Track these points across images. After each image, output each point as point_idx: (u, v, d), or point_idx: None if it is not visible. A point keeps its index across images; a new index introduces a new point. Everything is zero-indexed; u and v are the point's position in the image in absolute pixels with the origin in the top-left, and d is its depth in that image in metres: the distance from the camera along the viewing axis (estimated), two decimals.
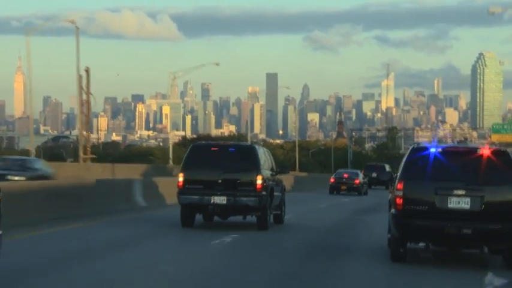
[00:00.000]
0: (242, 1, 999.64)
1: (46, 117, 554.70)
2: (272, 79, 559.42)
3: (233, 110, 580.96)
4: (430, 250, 16.05)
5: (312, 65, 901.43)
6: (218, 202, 20.33)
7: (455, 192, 14.34)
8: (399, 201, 14.57)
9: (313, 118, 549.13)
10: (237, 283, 12.20)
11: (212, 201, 20.34)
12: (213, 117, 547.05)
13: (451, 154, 14.75)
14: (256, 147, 21.44)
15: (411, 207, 14.51)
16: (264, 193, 20.43)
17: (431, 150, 14.75)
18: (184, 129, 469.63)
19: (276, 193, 22.00)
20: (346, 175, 54.74)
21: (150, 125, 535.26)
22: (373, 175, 66.01)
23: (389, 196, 16.13)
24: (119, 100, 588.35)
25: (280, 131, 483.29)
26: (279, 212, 22.96)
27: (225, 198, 20.25)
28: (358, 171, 58.35)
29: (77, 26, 57.46)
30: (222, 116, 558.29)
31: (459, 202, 14.36)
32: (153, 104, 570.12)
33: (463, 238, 14.43)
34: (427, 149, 14.82)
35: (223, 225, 21.86)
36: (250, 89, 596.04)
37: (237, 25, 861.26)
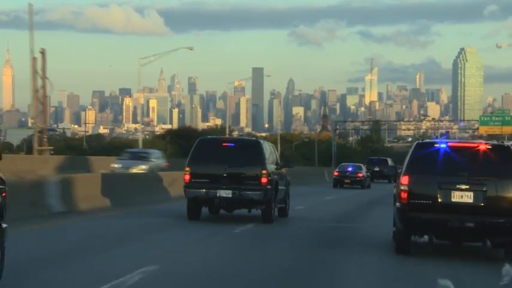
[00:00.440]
0: None
1: (34, 110, 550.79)
2: (258, 73, 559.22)
3: (219, 104, 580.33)
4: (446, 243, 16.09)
5: (297, 60, 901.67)
6: (224, 196, 20.44)
7: (458, 186, 14.47)
8: (404, 195, 14.69)
9: (298, 112, 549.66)
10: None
11: (218, 194, 20.44)
12: (200, 110, 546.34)
13: (455, 149, 14.87)
14: (261, 141, 21.50)
15: (415, 201, 14.63)
16: (269, 187, 20.55)
17: (435, 145, 14.89)
18: (171, 122, 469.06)
19: (281, 187, 22.10)
20: (349, 169, 54.86)
21: (138, 118, 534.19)
22: (375, 169, 66.26)
23: (394, 190, 16.23)
24: (107, 94, 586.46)
25: (266, 125, 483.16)
26: (284, 206, 23.07)
27: (231, 192, 20.36)
28: (361, 165, 58.47)
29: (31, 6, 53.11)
30: (209, 110, 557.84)
31: (462, 196, 14.49)
32: (141, 98, 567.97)
33: (466, 231, 14.57)
34: (431, 145, 14.97)
35: (228, 218, 21.93)
36: (236, 83, 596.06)
37: (224, 20, 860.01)
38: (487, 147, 14.78)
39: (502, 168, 14.53)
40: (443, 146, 14.83)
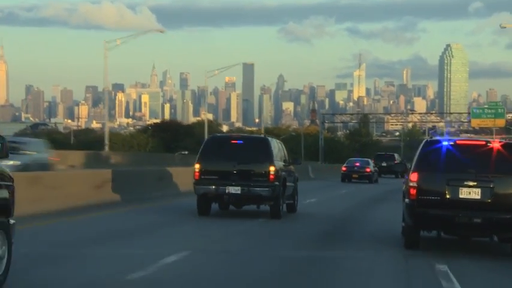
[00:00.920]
0: None
1: (28, 105, 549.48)
2: (248, 69, 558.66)
3: (211, 99, 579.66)
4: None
5: (287, 56, 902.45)
6: (233, 192, 20.48)
7: (466, 183, 14.52)
8: (413, 191, 14.75)
9: (288, 107, 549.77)
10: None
11: (227, 191, 20.47)
12: (191, 105, 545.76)
13: (462, 147, 14.95)
14: (269, 139, 21.51)
15: (424, 197, 14.70)
16: (277, 183, 20.57)
17: (443, 143, 14.96)
18: (163, 117, 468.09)
19: (289, 183, 22.13)
20: (357, 164, 54.90)
21: (130, 113, 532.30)
22: (383, 164, 66.11)
23: (403, 187, 16.31)
24: (100, 89, 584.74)
25: (256, 119, 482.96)
26: (292, 201, 23.10)
27: (239, 188, 20.40)
28: (369, 160, 58.52)
29: None
30: (200, 105, 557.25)
31: (470, 193, 14.56)
32: (133, 93, 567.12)
33: (474, 227, 14.64)
34: (440, 142, 15.03)
35: (237, 214, 22.00)
36: (227, 79, 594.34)
37: (215, 17, 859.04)
38: (494, 144, 14.88)
39: (509, 165, 14.62)
40: (451, 144, 14.93)
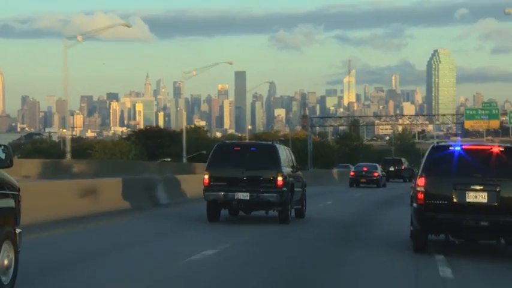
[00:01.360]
0: (210, 4, 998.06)
1: (24, 115, 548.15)
2: (240, 77, 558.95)
3: (204, 107, 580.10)
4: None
5: (278, 63, 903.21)
6: (241, 198, 20.48)
7: (472, 187, 14.56)
8: (420, 196, 14.78)
9: (279, 113, 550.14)
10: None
11: (236, 197, 20.48)
12: (185, 113, 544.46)
13: (469, 152, 14.98)
14: (276, 145, 21.51)
15: (432, 201, 14.72)
16: (285, 189, 20.56)
17: (450, 148, 15.01)
18: (157, 125, 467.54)
19: (297, 189, 22.12)
20: (365, 168, 55.10)
21: (125, 122, 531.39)
22: (390, 169, 66.02)
23: (411, 192, 16.33)
24: (95, 98, 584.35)
25: (249, 126, 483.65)
26: (300, 207, 23.09)
27: (248, 194, 20.41)
28: (376, 164, 58.77)
29: None
30: (194, 113, 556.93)
31: (476, 197, 14.58)
32: (127, 102, 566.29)
33: (481, 230, 14.66)
34: (446, 148, 15.08)
35: (247, 219, 22.07)
36: (220, 87, 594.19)
37: (206, 27, 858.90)
38: (500, 149, 14.92)
39: None
40: (457, 149, 14.96)
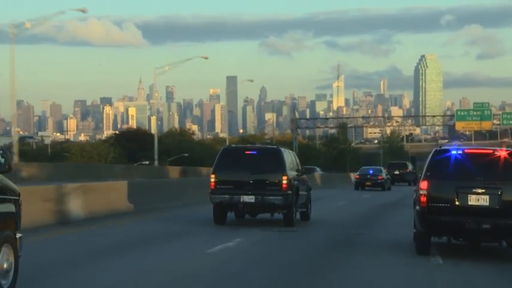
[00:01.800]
0: (202, 10, 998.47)
1: (18, 119, 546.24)
2: (232, 81, 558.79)
3: (196, 111, 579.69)
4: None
5: (269, 69, 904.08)
6: (247, 201, 20.44)
7: (474, 190, 14.54)
8: (423, 199, 14.74)
9: (270, 118, 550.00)
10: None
11: (241, 200, 20.44)
12: (177, 117, 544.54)
13: (471, 155, 14.96)
14: (282, 149, 21.44)
15: (434, 204, 14.69)
16: (290, 192, 20.51)
17: (452, 152, 14.96)
18: (149, 129, 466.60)
19: (302, 192, 22.07)
20: (370, 172, 55.25)
21: (118, 126, 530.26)
22: (395, 172, 66.11)
23: (413, 195, 16.29)
24: (88, 103, 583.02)
25: (240, 130, 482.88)
26: (305, 210, 23.04)
27: (254, 197, 20.36)
28: (381, 167, 59.02)
29: None
30: (186, 117, 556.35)
31: (478, 199, 14.56)
32: (121, 106, 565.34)
33: (483, 233, 14.64)
34: (449, 151, 15.03)
35: (253, 222, 22.11)
36: (211, 91, 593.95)
37: (198, 32, 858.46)
38: (502, 153, 14.89)
39: None
40: (459, 153, 14.92)
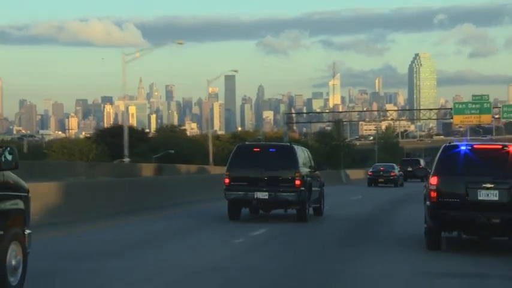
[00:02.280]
0: (200, 11, 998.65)
1: (21, 118, 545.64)
2: (230, 81, 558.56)
3: (195, 109, 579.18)
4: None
5: (266, 67, 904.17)
6: (261, 197, 20.43)
7: (484, 185, 14.38)
8: (433, 194, 14.59)
9: (268, 115, 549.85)
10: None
11: (255, 196, 20.41)
12: (176, 116, 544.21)
13: (480, 151, 14.82)
14: (294, 146, 21.45)
15: (444, 199, 14.53)
16: (303, 188, 20.49)
17: (461, 148, 14.81)
18: (149, 127, 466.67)
19: (315, 188, 22.00)
20: (382, 168, 55.27)
21: (118, 124, 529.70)
22: (408, 169, 65.60)
23: (424, 190, 16.14)
24: (90, 102, 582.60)
25: (238, 128, 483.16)
26: (318, 205, 22.97)
27: (267, 193, 20.36)
28: (393, 164, 58.75)
29: None
30: (185, 115, 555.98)
31: (488, 194, 14.41)
32: (121, 105, 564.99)
33: (493, 227, 14.49)
34: (458, 147, 14.88)
35: (267, 217, 22.13)
36: (210, 90, 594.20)
37: (197, 33, 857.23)
38: (510, 148, 14.74)
39: None
40: (469, 148, 14.78)
